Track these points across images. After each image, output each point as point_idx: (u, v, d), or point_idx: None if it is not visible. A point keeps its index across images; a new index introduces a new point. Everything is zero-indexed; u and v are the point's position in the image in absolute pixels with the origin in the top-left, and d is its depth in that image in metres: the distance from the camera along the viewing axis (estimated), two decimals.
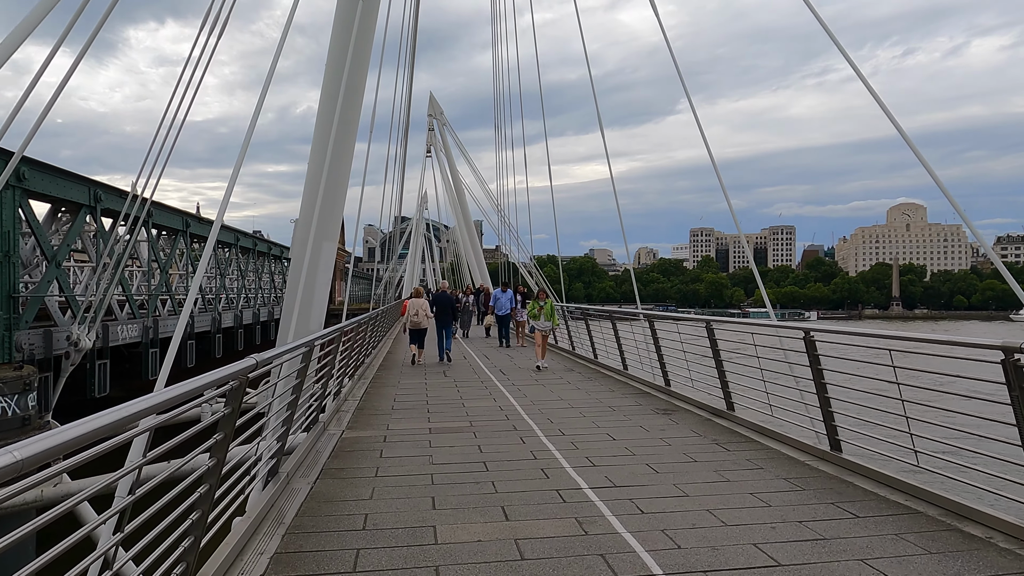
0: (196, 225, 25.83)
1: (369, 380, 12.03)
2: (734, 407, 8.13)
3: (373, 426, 7.83)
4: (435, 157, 65.86)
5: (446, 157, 60.13)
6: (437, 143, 62.28)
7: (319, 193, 13.28)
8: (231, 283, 32.42)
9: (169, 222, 23.26)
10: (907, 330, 5.85)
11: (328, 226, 13.33)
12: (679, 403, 9.19)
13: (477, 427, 7.66)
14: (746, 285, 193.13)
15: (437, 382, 11.58)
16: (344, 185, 13.69)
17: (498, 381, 11.51)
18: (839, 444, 6.07)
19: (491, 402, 9.41)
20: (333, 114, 13.16)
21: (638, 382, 11.17)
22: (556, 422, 7.91)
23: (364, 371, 13.30)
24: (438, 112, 60.65)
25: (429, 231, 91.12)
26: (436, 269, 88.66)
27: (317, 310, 13.00)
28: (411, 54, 30.72)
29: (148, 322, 20.94)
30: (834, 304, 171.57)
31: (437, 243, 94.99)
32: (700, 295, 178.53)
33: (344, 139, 13.40)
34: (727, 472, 5.72)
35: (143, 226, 21.25)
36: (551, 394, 10.13)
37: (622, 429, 7.50)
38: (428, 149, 67.29)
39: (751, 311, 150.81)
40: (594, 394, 10.16)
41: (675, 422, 7.90)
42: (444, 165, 61.39)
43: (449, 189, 62.59)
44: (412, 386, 11.12)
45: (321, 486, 5.41)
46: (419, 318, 15.72)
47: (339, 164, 13.36)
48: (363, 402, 9.61)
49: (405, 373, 13.01)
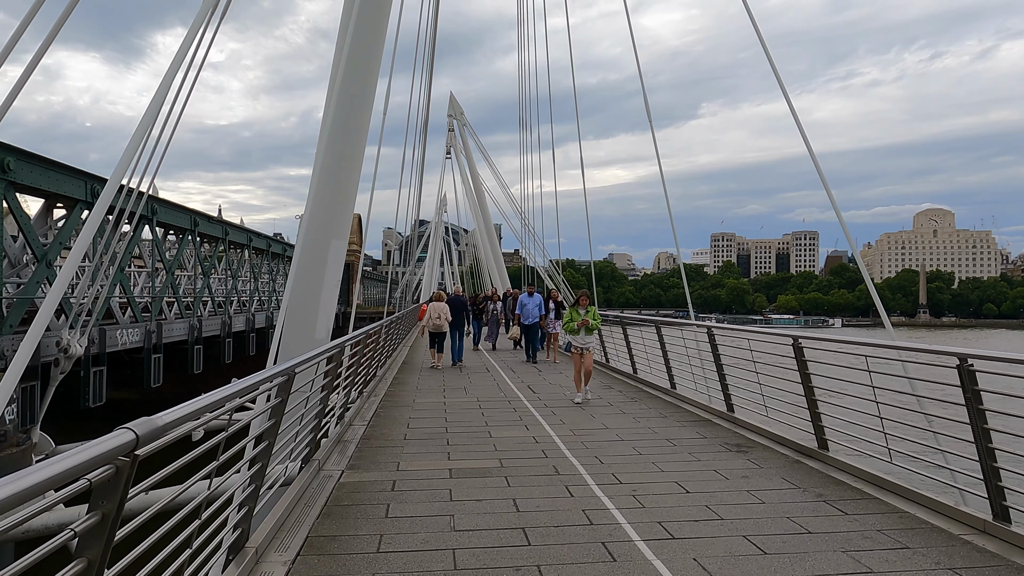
0: (206, 224, 24.66)
1: (381, 396, 10.58)
2: (827, 444, 6.54)
3: (380, 464, 6.33)
4: (455, 159, 64.65)
5: (466, 159, 58.81)
6: (457, 145, 61.01)
7: (328, 186, 11.89)
8: (243, 285, 31.27)
9: (176, 220, 22.06)
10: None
11: (337, 223, 11.92)
12: (752, 436, 7.59)
13: (509, 469, 6.14)
14: (768, 291, 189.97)
15: (458, 401, 10.09)
16: (355, 180, 12.28)
17: (528, 402, 9.98)
18: None
19: (523, 431, 7.89)
20: (344, 98, 11.78)
21: (691, 405, 9.58)
22: (607, 462, 6.36)
23: (376, 385, 11.85)
24: (458, 113, 59.36)
25: (448, 234, 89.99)
26: (455, 273, 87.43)
27: (324, 316, 11.60)
28: (431, 53, 29.44)
29: (151, 326, 19.71)
30: (859, 311, 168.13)
31: (456, 246, 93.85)
32: (722, 301, 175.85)
33: (356, 129, 11.99)
34: (865, 557, 4.14)
35: (146, 224, 20.10)
36: (592, 420, 8.58)
37: (693, 476, 5.94)
38: (448, 151, 66.11)
39: (773, 318, 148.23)
40: (643, 421, 8.58)
41: (757, 465, 6.31)
42: (464, 167, 60.10)
43: (469, 191, 61.23)
44: (429, 407, 9.64)
45: (302, 568, 3.93)
46: (440, 321, 15.80)
47: (350, 154, 11.95)
48: (372, 427, 8.14)
49: (422, 389, 11.54)
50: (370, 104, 12.19)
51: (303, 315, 11.69)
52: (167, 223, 21.52)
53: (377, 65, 12.15)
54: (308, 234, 11.93)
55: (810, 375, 6.61)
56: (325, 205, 11.84)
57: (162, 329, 20.18)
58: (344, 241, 12.18)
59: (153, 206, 19.93)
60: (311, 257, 11.78)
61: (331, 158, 11.82)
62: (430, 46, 28.94)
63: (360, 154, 12.23)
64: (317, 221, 11.87)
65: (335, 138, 11.78)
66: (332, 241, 11.72)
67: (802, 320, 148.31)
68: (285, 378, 4.86)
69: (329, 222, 11.74)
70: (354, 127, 11.84)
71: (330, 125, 11.76)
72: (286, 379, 4.91)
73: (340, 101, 11.63)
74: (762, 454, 6.74)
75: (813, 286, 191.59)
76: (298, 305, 11.84)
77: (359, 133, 12.06)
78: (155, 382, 19.78)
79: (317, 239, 11.77)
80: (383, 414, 9.02)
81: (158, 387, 19.99)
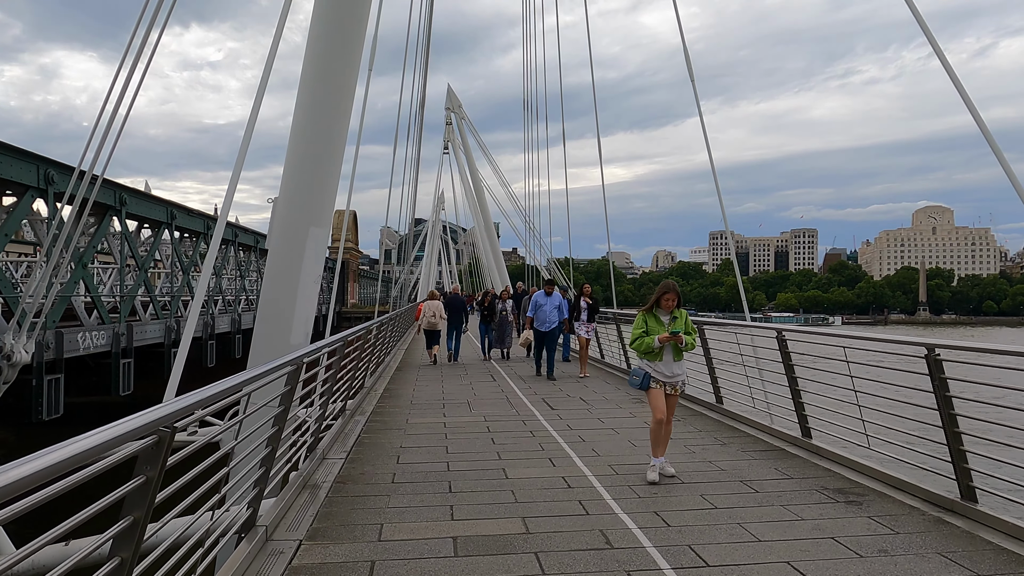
0: (185, 217, 22.81)
1: (369, 413, 8.77)
2: (975, 494, 4.76)
3: (354, 530, 4.47)
4: (452, 154, 62.80)
5: (464, 154, 56.95)
6: (455, 139, 59.14)
7: (307, 162, 10.09)
8: (230, 283, 29.37)
9: (150, 212, 20.21)
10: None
11: (317, 208, 10.12)
12: (852, 475, 5.77)
13: (538, 536, 4.33)
14: (768, 289, 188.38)
15: (461, 422, 8.26)
16: (338, 156, 10.46)
17: (546, 421, 8.16)
18: None
19: (547, 468, 6.07)
20: (328, 58, 10.00)
21: (747, 425, 7.79)
22: (675, 524, 4.55)
23: (364, 398, 10.06)
24: (456, 106, 57.49)
25: (446, 233, 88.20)
26: (453, 272, 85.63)
27: (302, 318, 9.80)
28: (426, 37, 27.65)
29: (120, 328, 17.88)
30: (859, 309, 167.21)
31: (454, 245, 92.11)
32: (721, 299, 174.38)
33: (340, 100, 10.19)
34: None
35: (114, 216, 18.26)
36: (633, 449, 6.75)
37: (808, 551, 4.08)
38: (445, 146, 64.20)
39: (774, 315, 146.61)
40: (699, 450, 6.76)
41: (889, 528, 4.45)
42: (462, 162, 58.25)
43: (467, 188, 59.40)
44: (426, 430, 7.80)
45: None
46: (435, 320, 16.24)
47: (333, 128, 10.14)
48: (352, 462, 6.30)
49: (418, 404, 9.72)
50: (355, 70, 10.37)
51: (277, 316, 9.87)
52: (139, 215, 19.67)
53: (363, 30, 10.32)
54: (283, 220, 10.11)
55: (949, 397, 4.83)
56: (304, 185, 10.03)
57: (133, 331, 18.35)
58: (326, 230, 10.36)
59: (122, 196, 18.11)
60: (286, 248, 9.96)
61: (311, 129, 10.00)
62: (425, 30, 27.24)
63: (344, 128, 10.40)
64: (294, 204, 10.06)
65: (316, 107, 9.97)
66: (311, 229, 9.90)
67: (802, 318, 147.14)
68: (228, 400, 3.18)
69: (308, 205, 9.92)
70: (338, 98, 10.02)
71: (311, 91, 9.97)
72: (231, 400, 3.24)
73: (321, 61, 9.83)
74: (884, 509, 4.90)
75: (812, 284, 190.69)
76: (272, 304, 10.03)
77: (342, 105, 10.23)
78: (124, 389, 17.95)
79: (293, 226, 9.95)
80: (368, 441, 7.18)
81: (127, 395, 18.18)
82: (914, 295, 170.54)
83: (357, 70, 10.45)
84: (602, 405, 9.49)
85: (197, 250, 24.93)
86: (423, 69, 27.32)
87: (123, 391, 17.98)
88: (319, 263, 10.23)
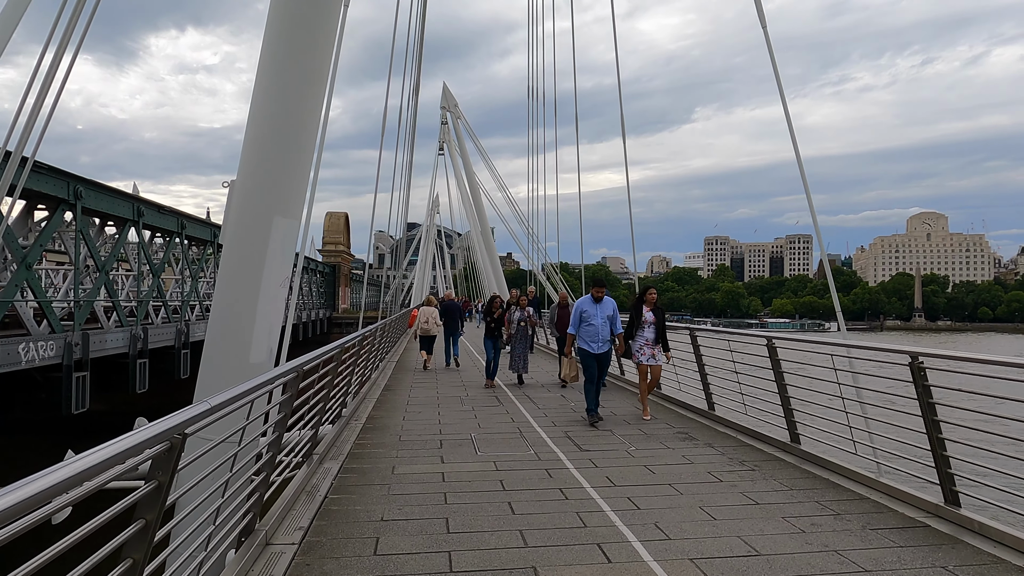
0: (154, 215, 20.73)
1: (344, 458, 6.77)
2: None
3: None
4: (448, 155, 60.92)
5: (461, 155, 55.01)
6: (451, 140, 57.26)
7: (271, 136, 8.13)
8: (209, 287, 27.18)
9: (113, 208, 18.13)
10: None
11: (284, 193, 8.13)
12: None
13: None
14: (763, 295, 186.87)
15: (466, 472, 6.10)
16: (311, 137, 8.47)
17: (588, 482, 5.91)
18: None
19: (598, 560, 4.12)
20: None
21: (825, 469, 5.90)
22: None
23: (342, 430, 8.09)
24: (452, 104, 55.61)
25: (441, 237, 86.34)
26: (448, 276, 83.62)
27: (264, 331, 7.82)
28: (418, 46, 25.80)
29: (74, 337, 15.82)
30: (854, 315, 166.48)
31: (449, 250, 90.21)
32: (716, 304, 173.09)
33: (312, 62, 8.23)
34: None
35: (67, 210, 16.21)
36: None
37: None
38: (441, 146, 62.32)
39: (769, 321, 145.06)
40: (767, 503, 4.85)
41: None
42: (458, 164, 56.29)
43: (463, 189, 57.50)
44: (418, 486, 5.67)
45: None
46: (429, 325, 16.20)
47: (305, 98, 8.16)
48: (305, 555, 4.28)
49: (408, 443, 7.68)
50: (336, 21, 8.43)
51: (233, 329, 7.87)
52: (99, 211, 17.60)
53: None
54: (241, 207, 8.13)
55: None
56: (269, 163, 8.05)
57: (90, 341, 16.29)
58: (296, 221, 8.38)
59: (77, 188, 16.06)
60: (245, 243, 7.97)
61: (279, 93, 8.03)
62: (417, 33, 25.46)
63: (320, 97, 8.42)
64: (255, 187, 8.07)
65: (286, 65, 8.00)
66: (276, 219, 7.91)
67: (798, 324, 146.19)
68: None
69: (273, 189, 7.94)
70: (311, 59, 8.04)
71: (279, 38, 8.01)
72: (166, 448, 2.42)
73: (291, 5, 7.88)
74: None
75: (808, 290, 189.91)
76: (226, 314, 8.02)
77: (317, 70, 8.25)
78: (78, 406, 15.89)
79: (253, 215, 7.97)
80: (336, 510, 5.06)
81: (83, 411, 16.12)
82: (909, 301, 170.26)
83: (335, 28, 8.51)
84: (668, 461, 6.62)
85: (169, 251, 22.86)
86: (415, 70, 25.59)
87: (76, 408, 15.92)
88: (287, 262, 8.24)
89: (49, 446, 8.62)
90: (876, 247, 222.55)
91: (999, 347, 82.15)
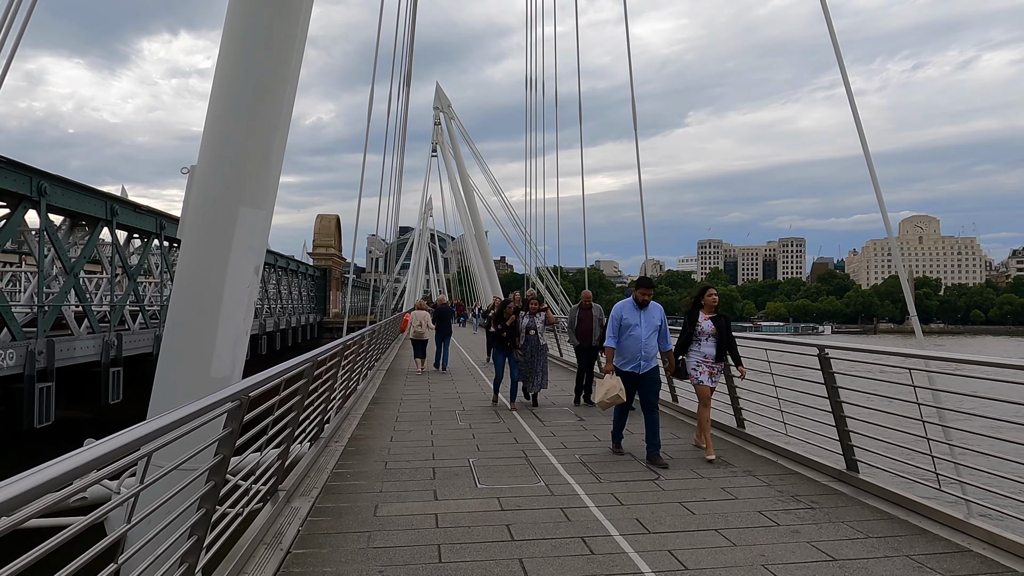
0: (129, 214, 19.54)
1: (317, 494, 5.66)
2: None
3: None
4: (441, 156, 59.86)
5: (454, 156, 53.93)
6: (444, 141, 56.18)
7: (237, 111, 7.05)
8: None
9: (81, 206, 16.94)
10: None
11: (252, 180, 7.03)
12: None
13: None
14: (756, 298, 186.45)
15: (466, 515, 4.86)
16: (286, 116, 7.38)
17: (636, 553, 4.13)
18: None
19: None
20: None
21: (866, 492, 4.87)
22: None
23: (319, 454, 6.99)
24: (445, 104, 54.56)
25: (434, 241, 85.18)
26: (441, 280, 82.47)
27: (228, 340, 6.73)
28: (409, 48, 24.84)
29: (38, 345, 14.65)
30: (848, 318, 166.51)
31: (442, 254, 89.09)
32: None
33: (288, 23, 7.16)
34: None
35: (31, 208, 15.04)
36: (749, 563, 3.71)
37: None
38: (434, 148, 61.23)
39: (763, 325, 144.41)
40: (846, 558, 3.79)
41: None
42: (452, 166, 55.21)
43: (456, 191, 56.36)
44: (406, 534, 4.30)
45: None
46: (422, 329, 16.42)
47: (279, 68, 7.08)
48: None
49: (395, 470, 6.54)
50: None
51: (192, 336, 6.78)
52: (67, 209, 16.41)
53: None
54: (202, 196, 7.03)
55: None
56: (234, 144, 6.95)
57: (55, 348, 15.11)
58: (266, 212, 7.27)
59: (41, 184, 14.90)
60: (205, 237, 6.87)
61: (247, 60, 6.95)
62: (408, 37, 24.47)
63: (296, 67, 7.34)
64: (218, 172, 6.97)
65: (253, 30, 6.92)
66: (241, 210, 6.81)
67: (791, 327, 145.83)
68: None
69: (239, 175, 6.84)
70: (282, 20, 6.95)
71: (242, 5, 6.94)
72: None
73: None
74: None
75: (801, 293, 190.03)
76: (184, 319, 6.92)
77: (292, 33, 7.17)
78: (41, 420, 14.70)
79: (215, 204, 6.87)
80: (300, 573, 4.00)
81: (48, 424, 14.94)
82: (902, 304, 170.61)
83: None
84: (706, 496, 5.41)
85: (147, 252, 21.65)
86: (405, 66, 24.58)
87: (40, 422, 14.73)
88: (255, 260, 7.14)
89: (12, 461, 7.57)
90: (868, 250, 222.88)
91: (1007, 350, 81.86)
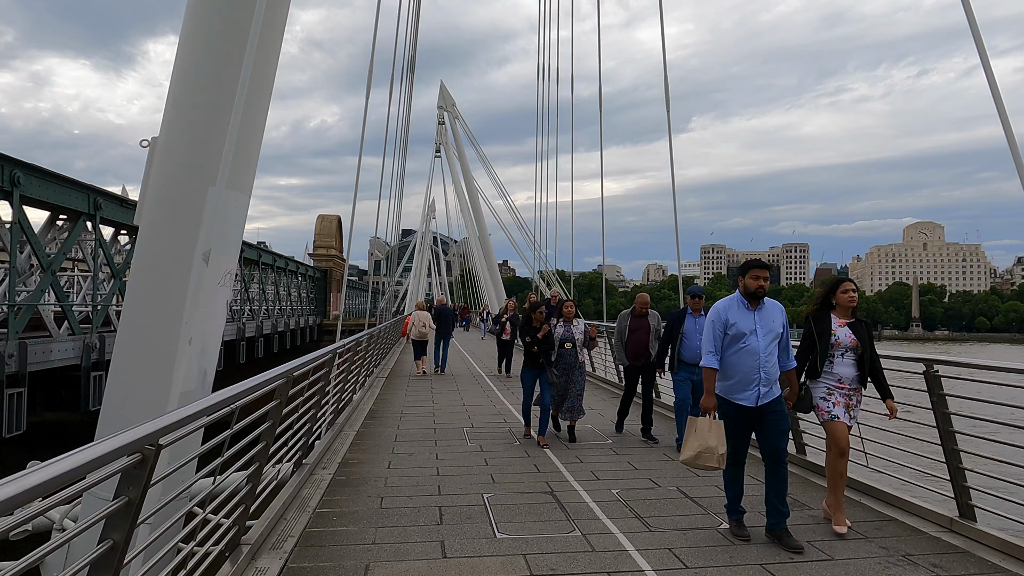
0: (114, 208, 18.42)
1: (292, 547, 4.54)
2: None
3: None
4: (445, 157, 58.71)
5: (458, 156, 52.80)
6: (448, 142, 55.06)
7: (207, 81, 5.92)
8: None
9: (62, 199, 15.81)
10: None
11: (227, 158, 5.88)
12: None
13: None
14: None
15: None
16: (267, 84, 6.23)
17: None
18: None
19: None
20: None
21: (989, 547, 3.76)
22: None
23: (302, 484, 5.84)
24: (449, 104, 53.46)
25: (437, 244, 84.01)
26: (443, 283, 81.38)
27: (195, 348, 5.57)
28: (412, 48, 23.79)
29: (8, 348, 13.53)
30: None
31: (444, 257, 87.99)
32: None
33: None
34: None
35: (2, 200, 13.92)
36: None
37: None
38: (437, 148, 60.12)
39: None
40: None
41: None
42: (456, 167, 54.06)
43: (460, 192, 55.23)
44: None
45: None
46: (424, 330, 16.60)
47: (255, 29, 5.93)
48: None
49: (392, 508, 5.45)
50: None
51: (149, 346, 5.61)
52: (44, 201, 15.28)
53: None
54: (164, 175, 5.88)
55: None
56: (204, 114, 5.81)
57: (27, 351, 13.98)
58: (244, 195, 6.12)
59: (15, 174, 13.77)
60: (169, 225, 5.73)
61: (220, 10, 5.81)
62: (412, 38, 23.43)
63: (280, 27, 6.21)
64: (184, 147, 5.83)
65: None
66: (211, 191, 5.66)
67: (795, 333, 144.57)
68: None
69: (209, 151, 5.69)
70: None
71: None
72: None
73: None
74: None
75: (805, 298, 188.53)
76: (140, 322, 5.77)
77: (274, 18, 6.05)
78: (13, 428, 13.57)
79: (179, 185, 5.73)
80: None
81: (20, 433, 13.80)
82: (907, 311, 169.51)
83: None
84: (793, 555, 4.18)
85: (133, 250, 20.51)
86: (407, 69, 23.59)
87: (10, 430, 13.59)
88: (230, 251, 5.99)
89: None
90: (872, 256, 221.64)
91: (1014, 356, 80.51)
